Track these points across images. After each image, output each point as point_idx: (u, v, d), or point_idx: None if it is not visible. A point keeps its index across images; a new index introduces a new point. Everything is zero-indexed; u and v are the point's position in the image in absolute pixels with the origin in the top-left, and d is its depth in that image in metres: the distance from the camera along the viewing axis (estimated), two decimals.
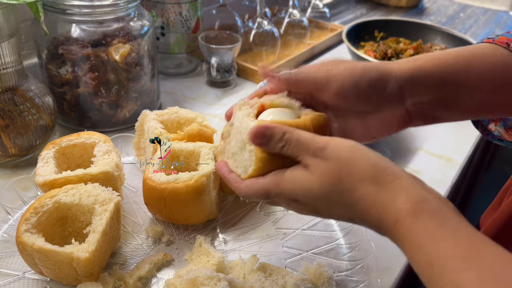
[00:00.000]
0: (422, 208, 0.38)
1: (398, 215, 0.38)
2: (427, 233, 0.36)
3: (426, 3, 1.95)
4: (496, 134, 0.61)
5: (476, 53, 0.50)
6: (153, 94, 0.93)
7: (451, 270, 0.34)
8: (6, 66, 0.71)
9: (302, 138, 0.43)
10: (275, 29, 1.17)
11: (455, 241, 0.35)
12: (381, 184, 0.40)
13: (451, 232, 0.36)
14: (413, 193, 0.39)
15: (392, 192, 0.39)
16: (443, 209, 0.38)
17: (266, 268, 0.58)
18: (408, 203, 0.38)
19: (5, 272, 0.58)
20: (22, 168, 0.77)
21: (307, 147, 0.43)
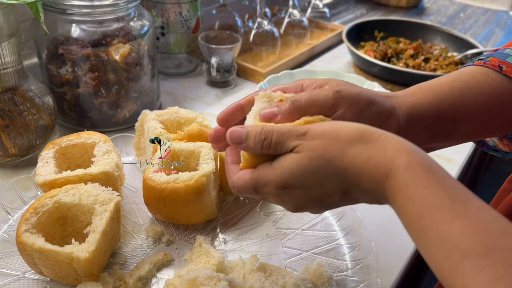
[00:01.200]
0: (413, 157, 0.38)
1: (390, 166, 0.39)
2: (417, 182, 0.37)
3: (426, 3, 1.95)
4: (491, 145, 0.61)
5: (470, 81, 0.50)
6: (153, 94, 0.93)
7: (440, 220, 0.34)
8: (6, 66, 0.71)
9: (282, 128, 0.43)
10: (275, 29, 1.17)
11: (444, 190, 0.35)
12: (369, 141, 0.40)
13: (440, 182, 0.36)
14: (402, 145, 0.39)
15: (381, 146, 0.40)
16: (431, 160, 0.38)
17: (266, 268, 0.58)
18: (397, 154, 0.39)
19: (5, 272, 0.58)
20: (22, 168, 0.77)
21: (289, 134, 0.43)
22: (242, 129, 0.44)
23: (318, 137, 0.42)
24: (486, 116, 0.50)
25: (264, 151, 0.43)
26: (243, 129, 0.44)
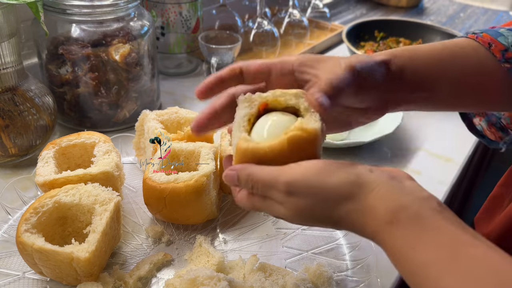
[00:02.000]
0: (399, 217, 0.37)
1: (376, 227, 0.39)
2: (406, 243, 0.36)
3: (426, 3, 1.95)
4: (479, 129, 0.62)
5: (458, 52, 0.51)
6: (153, 94, 0.93)
7: (432, 277, 0.34)
8: (6, 66, 0.71)
9: (265, 179, 0.42)
10: (275, 29, 1.17)
11: (435, 247, 0.35)
12: (358, 200, 0.39)
13: (431, 238, 0.36)
14: (389, 203, 0.38)
15: (368, 206, 0.39)
16: (422, 213, 0.37)
17: (266, 268, 0.58)
18: (384, 214, 0.38)
19: (5, 272, 0.58)
20: (22, 168, 0.77)
21: (272, 185, 0.42)
22: (233, 172, 0.45)
23: (303, 195, 0.41)
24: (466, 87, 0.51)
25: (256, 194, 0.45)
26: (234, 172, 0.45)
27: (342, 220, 0.41)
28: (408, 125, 0.99)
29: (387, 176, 0.40)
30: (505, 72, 0.50)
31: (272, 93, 0.47)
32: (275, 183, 0.42)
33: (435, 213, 0.37)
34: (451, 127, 1.00)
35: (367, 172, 0.41)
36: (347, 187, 0.40)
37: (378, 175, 0.40)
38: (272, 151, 0.43)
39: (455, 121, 1.02)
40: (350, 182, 0.40)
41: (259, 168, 0.43)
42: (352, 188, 0.40)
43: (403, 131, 0.97)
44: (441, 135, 0.97)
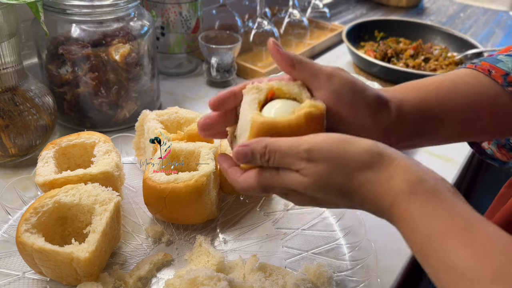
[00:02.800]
0: (418, 189, 0.38)
1: (394, 197, 0.39)
2: (422, 212, 0.37)
3: (426, 3, 1.95)
4: (489, 153, 0.61)
5: (458, 83, 0.51)
6: (153, 94, 0.93)
7: (445, 248, 0.35)
8: (6, 66, 0.71)
9: (283, 148, 0.42)
10: (275, 29, 1.17)
11: (450, 219, 0.36)
12: (377, 169, 0.40)
13: (446, 211, 0.36)
14: (409, 175, 0.39)
15: (388, 176, 0.39)
16: (439, 189, 0.38)
17: (266, 268, 0.58)
18: (403, 184, 0.38)
19: (5, 272, 0.58)
20: (22, 168, 0.77)
21: (291, 155, 0.42)
22: (245, 148, 0.43)
23: (323, 161, 0.41)
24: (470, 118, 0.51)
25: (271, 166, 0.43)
26: (247, 147, 0.43)
27: (359, 190, 0.40)
28: None
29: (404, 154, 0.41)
30: (510, 95, 0.50)
31: (277, 82, 0.48)
32: (296, 150, 0.41)
33: (450, 193, 0.38)
34: None
35: (388, 147, 0.41)
36: (368, 156, 0.40)
37: (397, 151, 0.41)
38: (290, 125, 0.44)
39: None
40: (372, 151, 0.40)
41: (276, 139, 0.43)
42: (373, 157, 0.40)
43: None
44: None
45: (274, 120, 0.44)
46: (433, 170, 0.41)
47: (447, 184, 0.39)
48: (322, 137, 0.42)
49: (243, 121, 0.47)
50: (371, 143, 0.41)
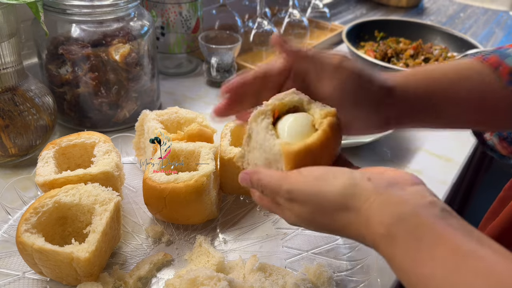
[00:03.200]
0: (396, 231, 0.36)
1: (375, 239, 0.38)
2: (405, 256, 0.36)
3: (426, 3, 1.95)
4: (490, 144, 0.62)
5: (463, 74, 0.51)
6: (153, 94, 0.93)
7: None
8: (6, 66, 0.71)
9: (271, 184, 0.44)
10: (275, 29, 1.17)
11: (433, 261, 0.34)
12: (354, 210, 0.39)
13: (431, 251, 0.34)
14: (384, 216, 0.37)
15: (365, 218, 0.38)
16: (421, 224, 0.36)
17: (266, 268, 0.58)
18: (381, 228, 0.37)
19: (5, 272, 0.58)
20: (22, 168, 0.77)
21: (277, 192, 0.44)
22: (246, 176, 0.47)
23: (303, 203, 0.42)
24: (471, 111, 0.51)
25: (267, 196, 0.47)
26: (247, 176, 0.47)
27: (344, 230, 0.41)
28: None
29: (385, 183, 0.39)
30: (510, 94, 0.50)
31: (275, 98, 0.49)
32: (279, 190, 0.43)
33: (438, 221, 0.36)
34: None
35: (365, 180, 0.40)
36: (342, 198, 0.40)
37: (375, 183, 0.39)
38: (321, 142, 0.45)
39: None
40: (346, 193, 0.39)
41: (267, 173, 0.45)
42: (348, 199, 0.39)
43: (403, 131, 0.97)
44: (441, 135, 0.97)
45: (306, 144, 0.45)
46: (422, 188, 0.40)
47: (434, 209, 0.37)
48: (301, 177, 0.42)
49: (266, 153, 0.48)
50: (346, 183, 0.40)
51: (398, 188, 0.39)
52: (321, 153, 0.45)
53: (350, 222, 0.40)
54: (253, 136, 0.50)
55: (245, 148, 0.52)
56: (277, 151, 0.46)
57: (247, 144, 0.52)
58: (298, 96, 0.49)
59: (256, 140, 0.50)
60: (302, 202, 0.42)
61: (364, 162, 0.86)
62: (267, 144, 0.47)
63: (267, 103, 0.49)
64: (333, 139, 0.46)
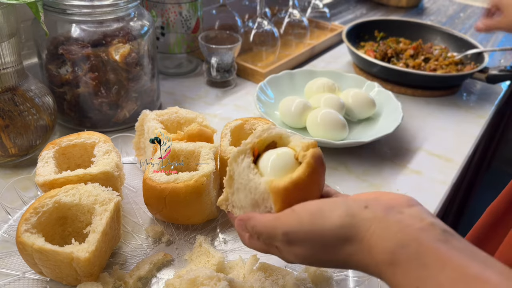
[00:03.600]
0: (399, 257, 0.36)
1: (379, 268, 0.38)
2: (409, 283, 0.35)
3: (426, 3, 1.95)
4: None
5: None
6: (153, 94, 0.93)
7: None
8: (6, 66, 0.71)
9: (264, 231, 0.44)
10: (275, 29, 1.17)
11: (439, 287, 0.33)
12: (356, 241, 0.39)
13: (434, 277, 0.34)
14: (386, 242, 0.37)
15: (367, 248, 0.38)
16: (424, 249, 0.35)
17: (266, 268, 0.58)
18: (384, 254, 0.37)
19: (5, 272, 0.58)
20: (22, 168, 0.77)
21: (274, 237, 0.43)
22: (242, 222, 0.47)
23: (302, 243, 0.41)
24: None
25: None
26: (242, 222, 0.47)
27: (348, 262, 0.40)
28: (408, 125, 0.99)
29: (383, 208, 0.39)
30: None
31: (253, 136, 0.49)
32: (275, 234, 0.42)
33: (439, 245, 0.35)
34: (451, 127, 1.00)
35: (361, 209, 0.39)
36: (343, 230, 0.39)
37: (373, 211, 0.39)
38: (308, 175, 0.44)
39: (455, 121, 1.03)
40: (345, 225, 0.39)
41: (260, 218, 0.44)
42: (348, 230, 0.39)
43: (403, 131, 0.97)
44: (441, 135, 0.97)
45: (292, 179, 0.44)
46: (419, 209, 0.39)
47: (435, 232, 0.36)
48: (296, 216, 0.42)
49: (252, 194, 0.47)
50: (343, 215, 0.39)
51: (396, 212, 0.38)
52: (309, 186, 0.44)
53: (353, 253, 0.39)
54: (235, 177, 0.49)
55: (228, 191, 0.51)
56: (264, 190, 0.45)
57: (229, 186, 0.51)
58: (275, 131, 0.48)
59: (239, 181, 0.48)
60: (301, 242, 0.41)
61: (364, 162, 0.86)
62: (252, 184, 0.46)
63: (245, 142, 0.48)
64: (318, 170, 0.45)
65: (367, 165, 0.85)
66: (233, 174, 0.49)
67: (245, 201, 0.48)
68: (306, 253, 0.41)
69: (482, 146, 1.26)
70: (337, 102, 0.91)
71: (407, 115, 1.01)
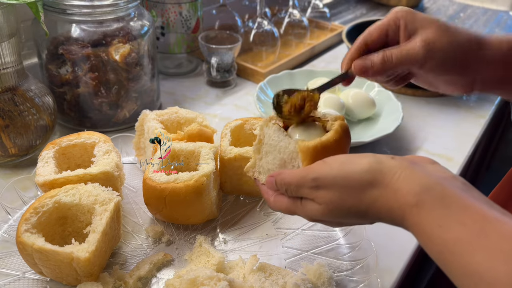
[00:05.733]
0: (424, 199, 0.38)
1: (403, 210, 0.39)
2: (433, 222, 0.37)
3: (426, 3, 1.95)
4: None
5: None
6: (153, 94, 0.93)
7: (461, 254, 0.35)
8: (6, 66, 0.71)
9: (293, 181, 0.46)
10: (275, 29, 1.17)
11: (461, 226, 0.35)
12: (381, 185, 0.41)
13: (457, 217, 0.36)
14: (412, 185, 0.39)
15: (392, 191, 0.40)
16: (447, 193, 0.38)
17: (266, 268, 0.58)
18: (409, 196, 0.39)
19: (5, 272, 0.58)
20: (22, 168, 0.77)
21: (302, 184, 0.45)
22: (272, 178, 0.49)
23: (330, 187, 0.43)
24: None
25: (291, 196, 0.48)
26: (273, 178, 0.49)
27: (370, 208, 0.42)
28: (408, 125, 0.99)
29: (408, 161, 0.42)
30: None
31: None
32: (304, 181, 0.45)
33: (461, 192, 0.38)
34: (451, 127, 1.00)
35: (389, 159, 0.42)
36: (369, 175, 0.41)
37: (399, 161, 0.42)
38: (335, 140, 0.48)
39: (455, 121, 1.02)
40: (372, 169, 0.41)
41: (290, 172, 0.47)
42: (375, 174, 0.41)
43: (403, 131, 0.97)
44: (441, 135, 0.97)
45: (321, 141, 0.47)
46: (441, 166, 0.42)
47: (456, 181, 0.39)
48: (326, 164, 0.44)
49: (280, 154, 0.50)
50: (371, 161, 0.42)
51: (420, 166, 0.42)
52: (335, 151, 0.47)
53: (378, 197, 0.41)
54: (265, 140, 0.52)
55: (256, 156, 0.54)
56: (293, 149, 0.49)
57: (258, 150, 0.54)
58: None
59: (269, 143, 0.52)
60: (329, 186, 0.43)
61: None
62: (282, 144, 0.50)
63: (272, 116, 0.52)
64: (344, 139, 0.48)
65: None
66: (263, 138, 0.53)
67: (273, 163, 0.51)
68: (332, 197, 0.43)
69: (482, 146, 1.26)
70: (337, 102, 0.91)
71: (407, 115, 1.01)
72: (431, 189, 0.38)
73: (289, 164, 0.50)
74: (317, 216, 0.46)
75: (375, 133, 0.88)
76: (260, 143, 0.54)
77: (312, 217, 0.47)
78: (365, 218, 0.44)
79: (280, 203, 0.49)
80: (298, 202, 0.47)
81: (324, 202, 0.44)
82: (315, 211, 0.45)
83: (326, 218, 0.46)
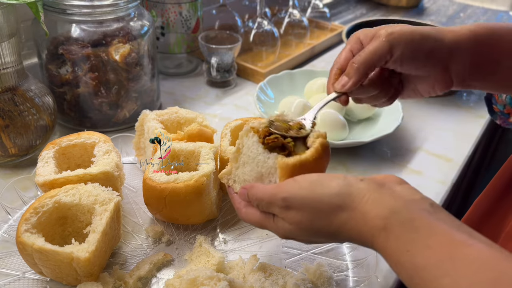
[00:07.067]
0: (392, 222, 0.38)
1: (372, 233, 0.40)
2: (401, 247, 0.37)
3: (426, 3, 1.95)
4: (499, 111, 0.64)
5: None
6: (153, 94, 0.93)
7: (428, 279, 0.35)
8: (6, 66, 0.71)
9: (265, 197, 0.46)
10: (275, 29, 1.17)
11: (428, 250, 0.36)
12: (350, 209, 0.41)
13: (424, 241, 0.36)
14: (380, 209, 0.40)
15: (361, 215, 0.41)
16: (414, 216, 0.38)
17: (266, 268, 0.58)
18: (377, 220, 0.39)
19: (5, 272, 0.58)
20: (22, 168, 0.77)
21: (272, 202, 0.46)
22: (244, 190, 0.50)
23: (300, 208, 0.44)
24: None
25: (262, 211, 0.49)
26: (245, 190, 0.50)
27: (340, 231, 0.42)
28: (408, 125, 0.99)
29: (376, 184, 0.42)
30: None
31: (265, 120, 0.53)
32: (274, 200, 0.45)
33: (428, 215, 0.38)
34: (451, 127, 1.00)
35: (357, 181, 0.43)
36: (339, 198, 0.42)
37: (368, 184, 0.42)
38: (313, 159, 0.48)
39: (455, 121, 1.02)
40: (342, 193, 0.42)
41: (262, 187, 0.47)
42: (344, 198, 0.42)
43: (403, 131, 0.97)
44: (441, 135, 0.97)
45: (301, 159, 0.48)
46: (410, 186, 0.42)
47: (423, 205, 0.39)
48: (296, 184, 0.44)
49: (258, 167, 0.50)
50: (341, 184, 0.43)
51: (387, 188, 0.42)
52: (313, 169, 0.47)
53: (347, 220, 0.41)
54: (244, 150, 0.52)
55: (232, 165, 0.54)
56: (272, 164, 0.49)
57: (236, 159, 0.54)
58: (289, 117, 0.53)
59: (247, 154, 0.52)
60: (299, 207, 0.43)
61: (364, 162, 0.86)
62: (260, 158, 0.50)
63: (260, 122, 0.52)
64: (324, 158, 0.49)
65: (367, 165, 0.85)
66: (242, 148, 0.53)
67: (249, 174, 0.52)
68: (301, 218, 0.44)
69: (482, 146, 1.26)
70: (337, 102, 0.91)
71: (407, 115, 1.01)
72: (398, 213, 0.39)
73: (266, 178, 0.50)
74: (288, 234, 0.46)
75: (375, 133, 0.88)
76: (238, 152, 0.53)
77: (283, 234, 0.47)
78: (336, 238, 0.44)
79: (251, 215, 0.49)
80: (270, 218, 0.47)
81: (294, 223, 0.44)
82: (287, 230, 0.46)
83: (297, 237, 0.46)
